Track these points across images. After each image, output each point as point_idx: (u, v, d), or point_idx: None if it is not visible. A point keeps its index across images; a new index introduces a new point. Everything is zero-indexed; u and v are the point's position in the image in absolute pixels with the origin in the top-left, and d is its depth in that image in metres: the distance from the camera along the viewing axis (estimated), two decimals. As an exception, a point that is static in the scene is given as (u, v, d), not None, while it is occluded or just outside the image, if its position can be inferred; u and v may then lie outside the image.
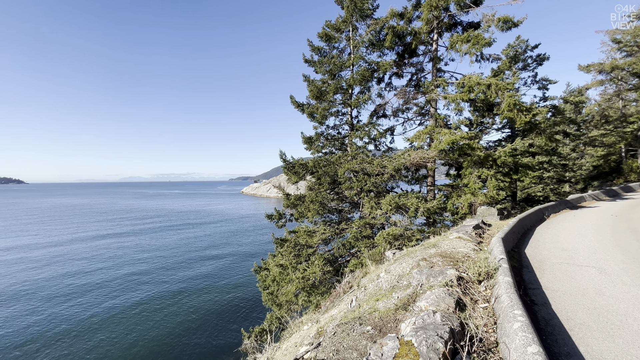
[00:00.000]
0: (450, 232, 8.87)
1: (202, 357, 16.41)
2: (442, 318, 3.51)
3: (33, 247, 41.04)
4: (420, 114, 16.34)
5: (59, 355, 16.23)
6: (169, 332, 18.82)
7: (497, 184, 12.50)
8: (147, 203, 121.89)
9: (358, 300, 6.06)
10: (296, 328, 8.85)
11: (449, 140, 11.97)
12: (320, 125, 15.97)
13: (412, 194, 12.89)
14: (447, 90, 14.12)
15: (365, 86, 15.39)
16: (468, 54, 12.84)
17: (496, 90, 12.05)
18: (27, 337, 18.10)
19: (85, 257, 36.32)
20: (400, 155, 13.13)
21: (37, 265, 32.58)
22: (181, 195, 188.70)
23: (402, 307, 4.43)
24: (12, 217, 76.47)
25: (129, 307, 22.29)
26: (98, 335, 18.24)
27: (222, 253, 38.51)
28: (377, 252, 10.76)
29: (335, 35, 15.52)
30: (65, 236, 49.44)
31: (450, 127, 14.05)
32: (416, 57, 15.75)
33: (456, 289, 4.44)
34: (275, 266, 13.73)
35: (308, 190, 15.72)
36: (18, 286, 26.26)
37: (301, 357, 4.39)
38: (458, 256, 6.33)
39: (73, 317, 20.73)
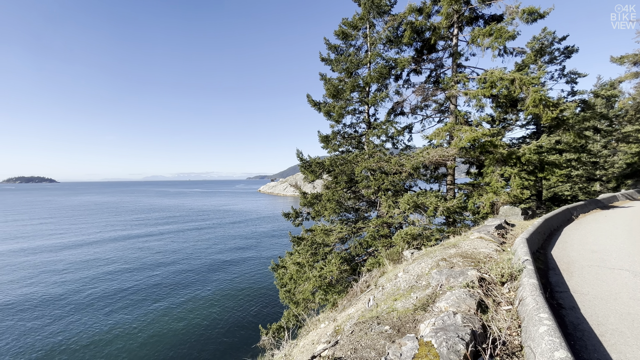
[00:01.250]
0: (471, 232, 8.63)
1: (221, 352, 16.83)
2: (463, 319, 3.42)
3: (62, 245, 43.33)
4: (439, 111, 15.96)
5: (81, 347, 17.12)
6: (189, 326, 19.42)
7: (521, 183, 12.02)
8: (169, 201, 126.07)
9: (376, 300, 6.02)
10: (313, 326, 8.89)
11: (470, 138, 11.62)
12: (337, 123, 15.93)
13: (431, 193, 12.63)
14: (468, 86, 13.72)
15: (383, 83, 15.20)
16: (490, 48, 12.40)
17: (520, 85, 11.58)
18: (55, 325, 19.22)
19: (111, 255, 38.00)
20: (419, 154, 12.89)
21: (62, 264, 34.43)
22: (201, 193, 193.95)
23: (421, 308, 4.36)
24: (48, 215, 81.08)
25: (149, 302, 23.15)
26: (119, 328, 19.07)
27: (240, 251, 39.27)
28: (394, 251, 10.63)
29: (352, 33, 15.41)
30: (93, 234, 51.94)
31: (471, 124, 13.64)
32: (435, 52, 15.39)
33: (478, 290, 4.32)
34: (292, 264, 13.85)
35: (325, 189, 15.73)
36: (53, 279, 27.94)
37: (319, 355, 4.42)
38: (479, 257, 6.15)
39: (96, 311, 21.77)
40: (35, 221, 66.53)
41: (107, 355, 16.26)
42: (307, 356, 5.93)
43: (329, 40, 15.90)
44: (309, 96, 15.95)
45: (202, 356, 16.44)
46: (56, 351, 16.59)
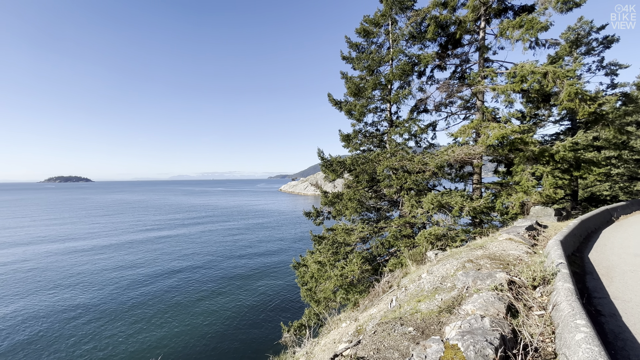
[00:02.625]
0: (500, 233, 8.28)
1: (245, 347, 17.24)
2: (492, 323, 3.29)
3: (92, 245, 45.94)
4: (465, 108, 15.42)
5: (110, 334, 18.12)
6: (213, 322, 20.04)
7: (554, 182, 11.37)
8: (194, 200, 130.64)
9: (398, 301, 5.92)
10: (334, 325, 8.90)
11: (498, 135, 11.13)
12: (358, 122, 15.80)
13: (456, 192, 12.24)
14: (496, 81, 13.15)
15: (405, 81, 14.90)
16: (521, 41, 11.81)
17: (554, 79, 10.94)
18: (91, 314, 20.49)
19: (141, 251, 39.91)
20: (444, 152, 12.52)
21: (98, 256, 36.53)
22: (224, 192, 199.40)
23: (446, 310, 4.24)
24: (85, 214, 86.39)
25: (174, 297, 24.09)
26: (143, 322, 19.99)
27: (262, 249, 39.98)
28: (417, 252, 10.41)
29: (373, 30, 15.21)
30: (125, 233, 54.74)
31: (500, 120, 13.06)
32: (461, 47, 14.87)
33: (507, 294, 4.15)
34: (314, 263, 13.92)
35: (346, 188, 15.67)
36: (88, 271, 29.83)
37: (341, 354, 4.42)
38: (509, 259, 5.89)
39: (122, 305, 22.95)
40: (71, 219, 71.28)
41: (133, 344, 17.14)
42: (329, 355, 5.95)
43: (350, 38, 15.79)
44: (330, 95, 15.93)
45: (227, 350, 16.92)
46: (86, 340, 17.68)
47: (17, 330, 18.79)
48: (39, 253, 37.19)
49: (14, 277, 28.23)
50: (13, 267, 31.48)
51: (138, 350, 16.65)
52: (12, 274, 29.08)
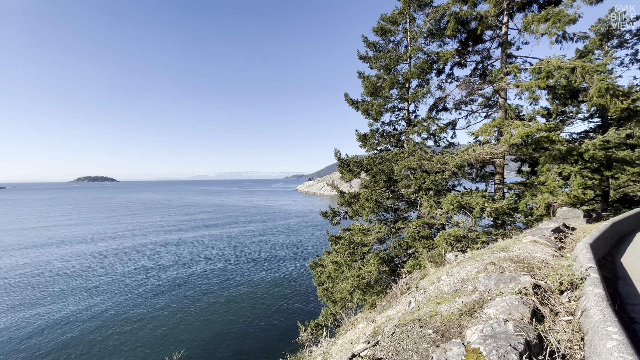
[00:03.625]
0: (524, 235, 7.98)
1: (262, 345, 17.49)
2: (515, 328, 3.20)
3: (119, 245, 47.86)
4: (486, 106, 14.96)
5: (132, 329, 18.83)
6: (230, 319, 20.45)
7: (583, 182, 10.83)
8: (213, 199, 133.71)
9: (417, 302, 5.84)
10: (351, 325, 8.87)
11: (522, 133, 10.72)
12: (376, 121, 15.65)
13: (477, 193, 11.90)
14: (520, 78, 12.68)
15: (424, 79, 14.63)
16: (547, 35, 11.32)
17: (582, 74, 10.43)
18: (118, 309, 21.39)
19: (162, 251, 41.26)
20: (464, 151, 12.20)
21: (122, 255, 38.07)
22: (242, 192, 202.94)
23: (467, 313, 4.15)
24: (112, 214, 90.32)
25: (192, 295, 24.75)
26: (163, 320, 20.64)
27: (279, 248, 40.38)
28: (436, 253, 10.21)
29: (391, 29, 15.03)
30: (147, 231, 56.80)
31: (524, 118, 12.58)
32: (482, 43, 14.43)
33: (532, 298, 4.00)
34: (330, 263, 13.92)
35: (363, 188, 15.57)
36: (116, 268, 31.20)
37: (358, 355, 4.41)
38: (533, 262, 5.67)
39: (143, 303, 23.79)
40: (99, 218, 74.77)
41: (153, 340, 17.76)
42: (347, 355, 5.94)
43: (367, 37, 15.67)
44: (347, 95, 15.89)
45: (244, 347, 17.22)
46: (110, 334, 18.49)
47: (46, 327, 19.92)
48: (67, 253, 39.24)
49: (48, 276, 29.93)
50: (50, 267, 33.38)
51: (159, 346, 17.27)
52: (48, 273, 30.84)
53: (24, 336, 18.26)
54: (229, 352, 16.81)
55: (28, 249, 39.51)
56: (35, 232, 52.60)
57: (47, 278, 28.46)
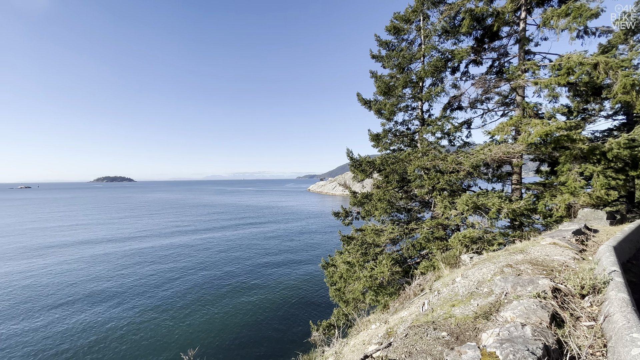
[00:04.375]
0: (542, 237, 7.75)
1: (274, 344, 17.62)
2: (534, 332, 3.11)
3: (136, 244, 49.15)
4: (503, 104, 14.58)
5: (148, 325, 19.32)
6: (243, 318, 20.71)
7: (606, 182, 10.40)
8: (227, 199, 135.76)
9: (431, 304, 5.76)
10: (363, 326, 8.83)
11: (541, 132, 10.39)
12: (388, 121, 15.51)
13: (494, 193, 11.61)
14: (538, 75, 12.30)
15: (438, 77, 14.39)
16: (567, 30, 10.93)
17: (605, 70, 10.02)
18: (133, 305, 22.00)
19: (177, 250, 42.16)
20: (479, 151, 11.93)
21: (136, 257, 39.11)
22: (254, 192, 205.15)
23: (483, 316, 4.06)
24: (130, 213, 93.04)
25: (205, 294, 25.18)
26: (177, 318, 21.07)
27: (291, 248, 40.59)
28: (451, 255, 10.04)
29: (404, 27, 14.86)
30: (163, 228, 58.18)
31: (543, 116, 12.20)
32: (498, 40, 14.07)
33: (551, 302, 3.88)
34: (342, 263, 13.89)
35: (375, 188, 15.46)
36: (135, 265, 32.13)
37: (370, 355, 4.39)
38: (553, 265, 5.50)
39: (159, 300, 24.36)
40: (119, 217, 77.17)
41: (168, 337, 18.18)
42: (359, 356, 5.92)
43: (379, 36, 15.55)
44: (359, 95, 15.81)
45: (257, 346, 17.41)
46: (127, 329, 19.03)
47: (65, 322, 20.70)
48: (88, 252, 40.60)
49: (70, 275, 31.11)
50: (71, 266, 34.68)
51: (171, 343, 17.68)
52: (69, 272, 32.06)
53: (45, 331, 19.09)
54: (242, 349, 17.04)
55: (50, 248, 41.22)
56: (56, 231, 54.85)
57: (69, 277, 29.62)
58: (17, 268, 31.62)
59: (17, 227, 57.85)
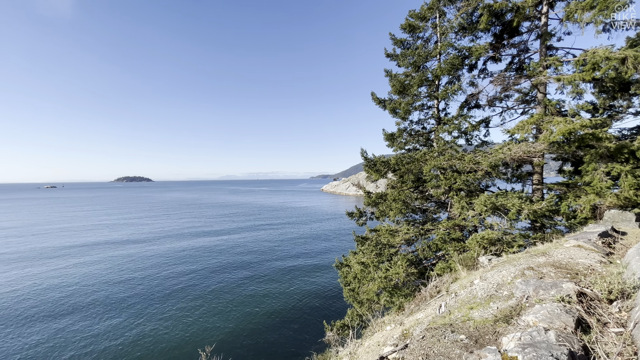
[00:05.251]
0: (566, 239, 7.46)
1: (287, 343, 17.74)
2: (558, 337, 3.00)
3: (154, 244, 50.54)
4: (523, 102, 14.13)
5: (163, 333, 19.81)
6: (257, 317, 20.94)
7: (635, 183, 9.90)
8: (241, 199, 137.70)
9: (448, 307, 5.65)
10: (378, 327, 8.76)
11: (565, 130, 10.00)
12: (403, 120, 15.31)
13: (513, 194, 11.27)
14: (561, 71, 11.84)
15: (455, 75, 14.09)
16: (592, 24, 10.48)
17: (634, 65, 9.53)
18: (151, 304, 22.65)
19: (192, 249, 43.05)
20: (498, 150, 11.60)
21: (155, 256, 40.20)
22: (268, 192, 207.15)
23: (503, 320, 3.96)
24: (150, 213, 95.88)
25: (220, 294, 25.60)
26: (191, 317, 21.49)
27: (305, 247, 40.73)
28: (468, 256, 9.82)
29: (419, 25, 14.64)
30: (180, 227, 59.60)
31: (566, 114, 11.74)
32: (518, 36, 13.64)
33: (576, 306, 3.74)
34: (356, 263, 13.82)
35: (390, 188, 15.30)
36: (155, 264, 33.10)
37: (386, 357, 4.35)
38: (578, 268, 5.29)
39: (177, 297, 24.93)
40: (139, 216, 79.66)
41: (181, 335, 18.60)
42: (374, 357, 5.88)
43: (394, 35, 15.37)
44: (374, 94, 15.69)
45: (271, 344, 17.57)
46: (140, 328, 19.59)
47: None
48: (107, 253, 42.07)
49: (95, 275, 32.32)
50: (93, 267, 36.04)
51: (185, 341, 18.09)
52: (93, 273, 33.33)
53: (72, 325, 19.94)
54: (256, 346, 17.25)
55: (73, 248, 42.99)
56: (80, 231, 57.16)
57: (94, 276, 30.81)
58: (44, 269, 33.19)
59: (44, 227, 60.75)
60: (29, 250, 39.74)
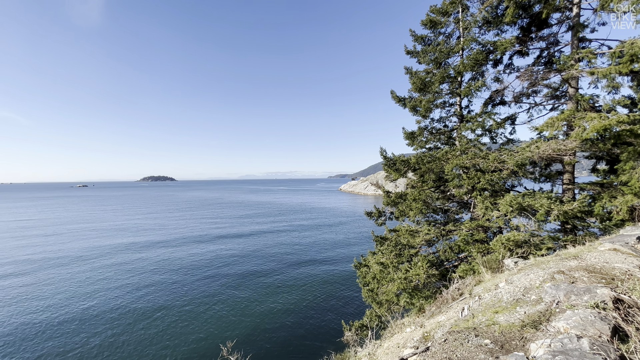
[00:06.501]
0: (600, 243, 7.03)
1: (306, 342, 17.84)
2: (592, 346, 2.84)
3: (174, 242, 52.21)
4: (552, 97, 13.43)
5: (182, 324, 20.39)
6: (275, 315, 21.19)
7: (679, 183, 9.18)
8: (260, 198, 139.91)
9: (471, 310, 5.48)
10: (397, 329, 8.64)
11: (599, 127, 9.41)
12: (424, 118, 14.97)
13: (542, 194, 10.74)
14: (595, 64, 11.14)
15: (478, 71, 13.61)
16: (631, 13, 9.81)
17: (679, 55, 8.83)
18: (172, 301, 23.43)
19: (213, 247, 44.15)
20: (525, 148, 11.09)
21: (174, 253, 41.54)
22: (286, 191, 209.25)
23: (531, 325, 3.79)
24: (174, 207, 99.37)
25: (240, 292, 26.08)
26: (211, 315, 22.01)
27: (323, 247, 40.79)
28: (493, 258, 9.47)
29: (441, 20, 14.26)
30: (202, 225, 61.32)
31: (600, 109, 11.06)
32: (547, 28, 12.97)
33: (612, 313, 3.52)
34: (376, 264, 13.68)
35: (410, 188, 15.02)
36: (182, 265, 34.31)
37: (406, 359, 4.28)
38: (614, 273, 4.97)
39: (198, 294, 25.63)
40: (164, 213, 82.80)
41: (203, 333, 19.10)
42: (393, 358, 5.81)
43: (414, 31, 15.05)
44: (393, 92, 15.44)
45: (289, 343, 17.74)
46: (162, 326, 20.29)
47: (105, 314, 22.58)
48: (127, 256, 43.93)
49: (122, 269, 33.91)
50: (118, 264, 37.79)
51: (211, 335, 18.58)
52: (121, 267, 34.96)
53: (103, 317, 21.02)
54: (274, 344, 17.47)
55: (100, 248, 45.24)
56: (112, 229, 60.12)
57: (121, 271, 32.32)
58: (81, 268, 35.18)
59: (76, 227, 64.40)
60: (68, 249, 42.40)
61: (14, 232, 52.44)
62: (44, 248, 40.58)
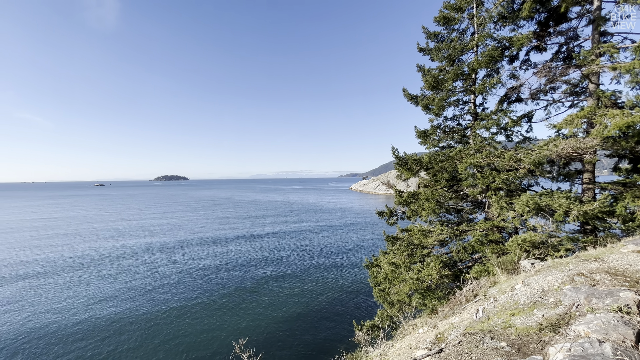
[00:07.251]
0: (623, 244, 6.77)
1: (317, 341, 17.88)
2: (615, 351, 2.74)
3: (183, 241, 53.09)
4: (571, 94, 12.99)
5: (194, 323, 20.73)
6: (287, 315, 21.31)
7: None
8: (271, 197, 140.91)
9: (486, 312, 5.37)
10: (410, 330, 8.55)
11: (622, 124, 9.04)
12: (437, 117, 14.74)
13: (560, 194, 10.42)
14: (617, 59, 10.71)
15: (493, 68, 13.29)
16: (656, 4, 9.38)
17: None
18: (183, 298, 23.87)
19: (224, 247, 44.71)
20: (543, 146, 10.76)
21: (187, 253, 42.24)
22: (297, 190, 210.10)
23: (549, 328, 3.69)
24: (187, 206, 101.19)
25: (252, 290, 26.34)
26: (223, 314, 22.29)
27: (334, 246, 40.76)
28: (508, 260, 9.26)
29: (454, 17, 13.99)
30: (215, 224, 62.24)
31: (623, 106, 10.62)
32: (566, 22, 12.55)
33: (637, 318, 3.38)
34: (387, 264, 13.57)
35: (422, 187, 14.83)
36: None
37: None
38: (638, 276, 4.78)
39: (210, 293, 26.01)
40: (178, 212, 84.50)
41: (214, 332, 19.39)
42: (406, 359, 5.75)
43: (427, 28, 14.83)
44: (405, 90, 15.27)
45: (300, 342, 17.81)
46: (174, 325, 20.68)
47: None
48: (143, 256, 44.96)
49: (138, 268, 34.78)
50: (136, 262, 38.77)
51: (224, 332, 18.85)
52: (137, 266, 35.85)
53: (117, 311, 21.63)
54: (285, 343, 17.58)
55: (114, 248, 46.52)
56: (129, 228, 61.76)
57: (137, 271, 33.19)
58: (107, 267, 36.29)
59: (95, 226, 66.44)
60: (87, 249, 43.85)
61: (36, 231, 54.53)
62: (65, 248, 42.07)
